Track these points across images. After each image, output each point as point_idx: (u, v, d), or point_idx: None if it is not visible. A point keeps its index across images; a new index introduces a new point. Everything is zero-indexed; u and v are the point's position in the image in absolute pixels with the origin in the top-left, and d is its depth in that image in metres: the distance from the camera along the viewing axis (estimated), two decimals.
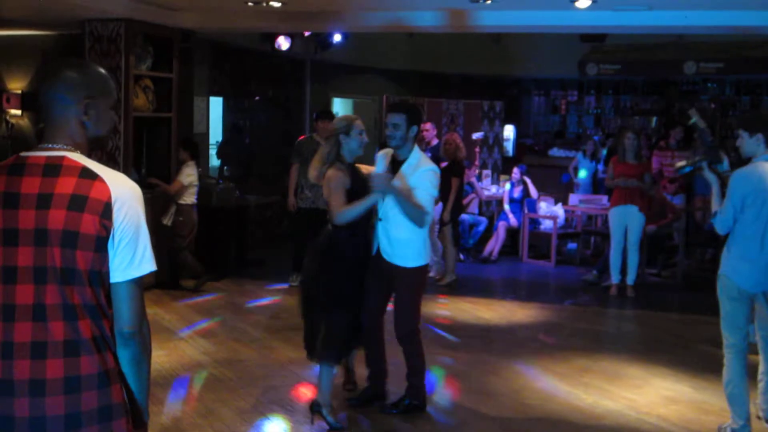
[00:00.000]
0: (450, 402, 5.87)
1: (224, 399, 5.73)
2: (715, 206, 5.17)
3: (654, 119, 16.31)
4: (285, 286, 9.50)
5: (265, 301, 8.89)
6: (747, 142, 5.12)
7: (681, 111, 15.71)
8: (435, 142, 10.29)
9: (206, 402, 5.67)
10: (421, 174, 5.32)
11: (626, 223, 9.64)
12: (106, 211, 2.31)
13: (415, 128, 5.40)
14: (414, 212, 5.24)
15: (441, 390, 6.05)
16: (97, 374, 2.32)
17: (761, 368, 5.30)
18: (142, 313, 2.41)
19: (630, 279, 9.64)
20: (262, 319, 8.10)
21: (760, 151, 5.05)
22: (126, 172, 8.15)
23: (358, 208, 5.20)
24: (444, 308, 8.73)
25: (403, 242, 5.37)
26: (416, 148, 5.47)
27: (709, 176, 5.31)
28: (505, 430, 5.39)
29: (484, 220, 11.99)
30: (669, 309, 9.26)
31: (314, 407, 5.29)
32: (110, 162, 8.36)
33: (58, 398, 2.27)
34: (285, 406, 5.67)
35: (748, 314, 5.15)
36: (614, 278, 9.73)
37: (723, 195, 5.19)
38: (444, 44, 14.39)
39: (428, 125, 10.45)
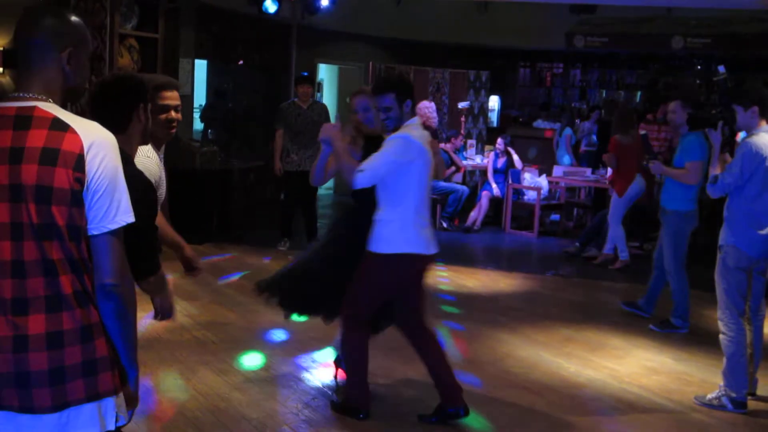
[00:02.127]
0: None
1: (207, 361, 5.71)
2: (713, 170, 5.21)
3: (639, 93, 16.31)
4: (269, 250, 9.46)
5: (247, 266, 8.85)
6: (742, 117, 5.17)
7: (666, 86, 15.72)
8: (435, 123, 10.17)
9: (189, 363, 5.65)
10: (388, 140, 4.71)
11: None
12: (78, 163, 2.25)
13: (409, 102, 4.78)
14: (344, 168, 4.67)
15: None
16: (80, 329, 2.28)
17: (749, 338, 5.36)
18: (122, 266, 2.36)
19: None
20: (245, 283, 8.06)
21: (754, 124, 5.09)
22: None
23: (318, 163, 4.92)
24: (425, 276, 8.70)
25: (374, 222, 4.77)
26: (414, 119, 4.85)
27: (716, 137, 5.34)
28: (488, 398, 5.40)
29: (461, 188, 11.90)
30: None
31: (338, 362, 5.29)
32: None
33: (41, 354, 2.24)
34: (268, 369, 5.67)
35: (747, 284, 5.23)
36: (624, 254, 9.68)
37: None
38: (431, 12, 14.27)
39: (428, 105, 10.32)
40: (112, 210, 2.31)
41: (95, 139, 2.28)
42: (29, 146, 2.24)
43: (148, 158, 3.64)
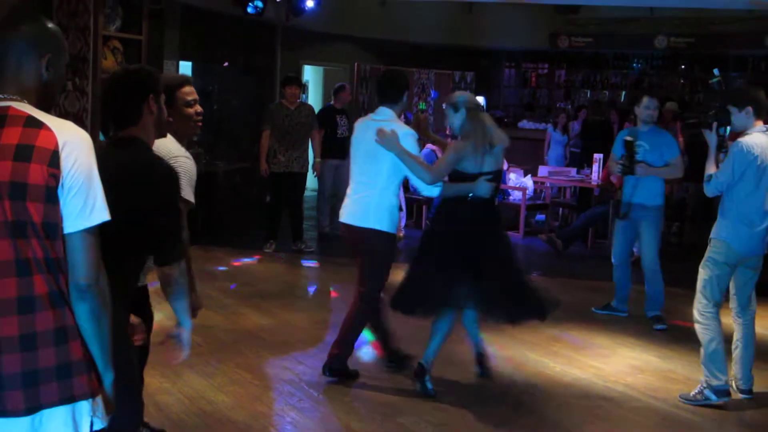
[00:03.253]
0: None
1: (192, 364, 5.65)
2: (709, 169, 5.30)
3: (623, 93, 16.35)
4: (254, 252, 9.44)
5: (233, 268, 8.82)
6: (737, 117, 5.26)
7: (651, 85, 15.77)
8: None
9: (174, 367, 5.59)
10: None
11: None
12: (53, 159, 2.22)
13: (406, 91, 5.50)
14: (413, 169, 5.20)
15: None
16: (54, 330, 2.25)
17: (736, 335, 5.42)
18: (97, 265, 2.32)
19: None
20: (230, 285, 8.04)
21: (750, 124, 5.18)
22: (93, 134, 8.01)
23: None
24: None
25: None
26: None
27: (711, 137, 5.41)
28: (473, 398, 5.39)
29: None
30: (636, 281, 9.30)
31: (419, 372, 5.30)
32: (78, 124, 8.19)
33: (14, 356, 2.21)
34: (253, 372, 5.64)
35: (729, 280, 5.36)
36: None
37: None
38: (416, 13, 14.27)
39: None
40: (88, 207, 2.28)
41: (70, 137, 2.27)
42: (3, 143, 2.22)
43: (188, 159, 3.65)
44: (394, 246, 5.54)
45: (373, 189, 5.31)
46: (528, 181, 11.86)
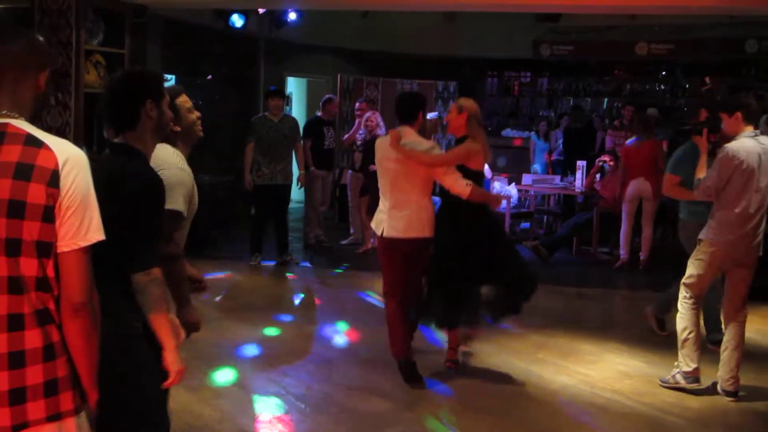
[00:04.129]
0: (403, 381, 5.80)
1: None
2: (698, 174, 5.44)
3: (606, 100, 16.41)
4: (240, 264, 9.40)
5: (218, 281, 8.78)
6: (728, 123, 5.40)
7: (632, 92, 15.83)
8: (381, 131, 10.05)
9: None
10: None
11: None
12: (53, 178, 2.22)
13: (422, 110, 6.00)
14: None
15: (393, 369, 5.99)
16: (42, 348, 2.25)
17: (726, 337, 5.51)
18: (91, 284, 2.33)
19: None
20: (215, 298, 8.00)
21: (740, 130, 5.32)
22: None
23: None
24: None
25: None
26: None
27: (703, 143, 5.56)
28: (461, 407, 5.38)
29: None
30: (621, 287, 9.35)
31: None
32: None
33: (2, 374, 2.20)
34: (240, 386, 5.61)
35: (713, 280, 5.58)
36: (624, 253, 10.02)
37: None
38: (398, 23, 14.27)
39: (372, 114, 10.26)
40: (84, 227, 2.28)
41: (70, 156, 2.27)
42: (3, 161, 2.22)
43: (182, 170, 3.58)
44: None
45: (411, 203, 5.70)
46: (512, 190, 11.87)
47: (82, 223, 2.28)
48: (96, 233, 2.31)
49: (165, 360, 2.96)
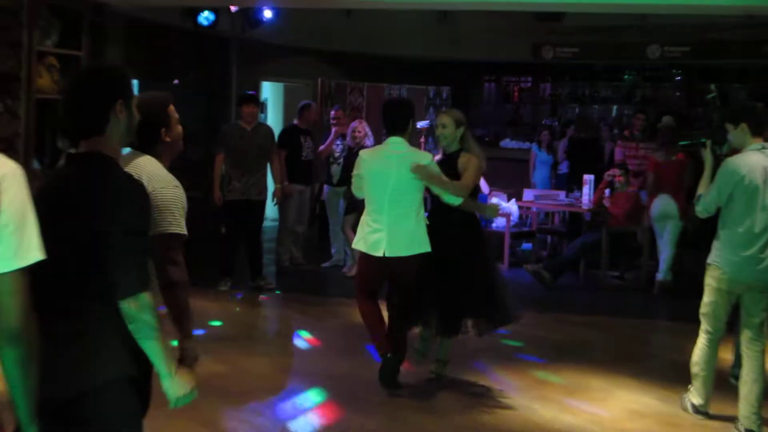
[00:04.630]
0: (393, 418, 5.78)
1: None
2: (701, 188, 5.50)
3: (614, 108, 16.47)
4: (208, 290, 9.36)
5: None
6: (733, 134, 5.51)
7: (644, 99, 15.90)
8: (369, 142, 10.10)
9: None
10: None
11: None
12: None
13: (412, 119, 6.41)
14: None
15: (377, 407, 5.97)
16: None
17: (744, 369, 5.50)
18: (29, 308, 2.32)
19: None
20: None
21: (747, 142, 5.35)
22: (27, 160, 7.95)
23: None
24: None
25: None
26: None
27: (707, 156, 5.63)
28: None
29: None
30: (633, 315, 9.35)
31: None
32: (9, 150, 8.11)
33: None
34: (208, 427, 5.57)
35: (729, 308, 5.57)
36: (662, 274, 10.11)
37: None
38: (385, 24, 14.30)
39: (359, 124, 10.29)
40: (24, 245, 2.29)
41: (7, 172, 2.27)
42: None
43: (178, 188, 3.55)
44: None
45: (410, 218, 6.09)
46: (512, 206, 11.89)
47: (22, 242, 2.28)
48: (35, 252, 2.32)
49: (163, 386, 3.00)
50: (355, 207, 9.39)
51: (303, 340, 8.03)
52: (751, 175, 5.28)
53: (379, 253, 6.04)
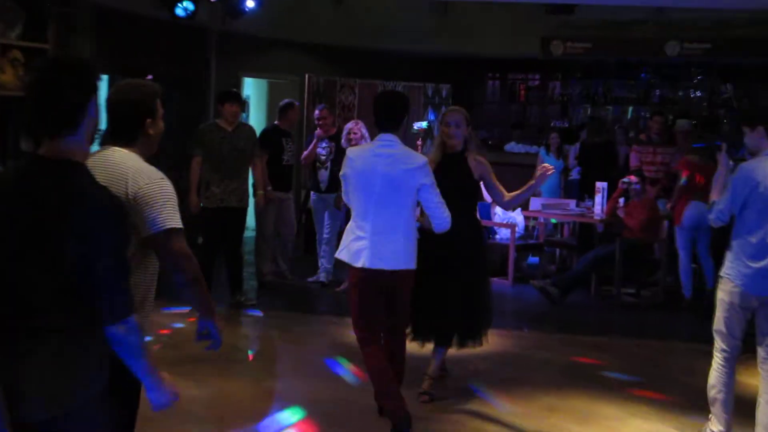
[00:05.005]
0: None
1: None
2: (714, 195, 5.57)
3: (630, 109, 16.49)
4: (184, 306, 9.33)
5: (161, 328, 8.71)
6: (749, 137, 5.51)
7: (662, 99, 15.93)
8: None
9: None
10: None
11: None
12: None
13: (406, 116, 6.11)
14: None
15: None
16: None
17: (761, 389, 5.54)
18: None
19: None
20: (153, 348, 7.92)
21: (764, 146, 5.36)
22: None
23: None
24: None
25: None
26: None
27: (723, 160, 5.64)
28: None
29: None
30: (650, 335, 9.34)
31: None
32: None
33: None
34: None
35: (744, 324, 5.56)
36: (688, 291, 10.26)
37: None
38: (379, 15, 14.34)
39: (354, 125, 10.29)
40: None
41: None
42: None
43: (164, 180, 3.59)
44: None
45: (399, 227, 5.78)
46: (517, 216, 11.88)
47: None
48: None
49: (146, 395, 3.19)
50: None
51: (285, 360, 8.02)
52: (766, 182, 5.29)
53: (359, 264, 5.73)
